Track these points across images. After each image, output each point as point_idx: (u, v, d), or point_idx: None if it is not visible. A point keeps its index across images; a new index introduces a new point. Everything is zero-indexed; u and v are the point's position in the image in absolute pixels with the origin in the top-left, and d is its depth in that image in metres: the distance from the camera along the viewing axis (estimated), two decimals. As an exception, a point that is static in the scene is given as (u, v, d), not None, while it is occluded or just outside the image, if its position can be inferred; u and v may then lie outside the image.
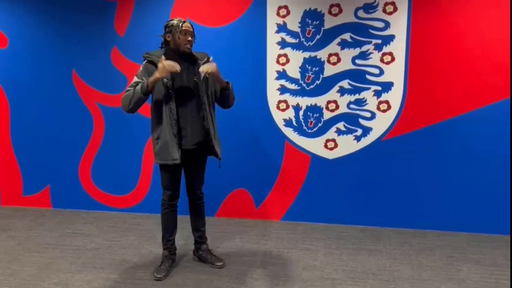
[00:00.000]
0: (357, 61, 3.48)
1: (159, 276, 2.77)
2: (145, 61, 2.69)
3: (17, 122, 4.09)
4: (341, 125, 3.59)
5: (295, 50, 3.55)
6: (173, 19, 2.67)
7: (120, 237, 3.48)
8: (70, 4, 3.81)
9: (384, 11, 3.38)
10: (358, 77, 3.49)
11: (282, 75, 3.61)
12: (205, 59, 2.74)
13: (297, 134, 3.68)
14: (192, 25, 2.70)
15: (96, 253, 3.17)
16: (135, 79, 2.67)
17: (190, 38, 2.66)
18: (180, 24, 2.63)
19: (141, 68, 2.69)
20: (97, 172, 4.05)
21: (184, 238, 3.38)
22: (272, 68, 3.61)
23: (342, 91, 3.54)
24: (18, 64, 3.98)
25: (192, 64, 2.72)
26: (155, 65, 2.61)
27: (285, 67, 3.59)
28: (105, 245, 3.31)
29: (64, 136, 4.03)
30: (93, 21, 3.80)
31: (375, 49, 3.44)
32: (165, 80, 2.59)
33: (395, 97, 3.47)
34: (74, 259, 3.07)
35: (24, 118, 4.07)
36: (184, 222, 3.25)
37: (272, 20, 3.55)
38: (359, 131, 3.57)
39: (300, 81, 3.59)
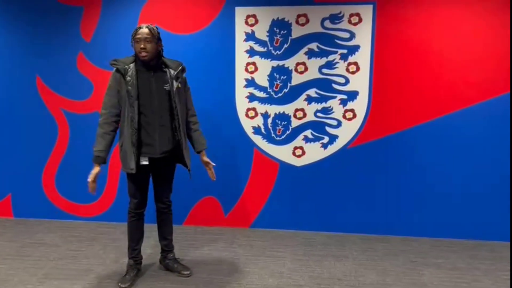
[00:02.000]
0: (324, 70, 3.55)
1: (123, 286, 2.71)
2: (114, 69, 2.64)
3: (-24, 128, 3.95)
4: (308, 133, 3.65)
5: (263, 58, 3.59)
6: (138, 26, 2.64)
7: (85, 246, 3.40)
8: (34, 8, 3.72)
9: (350, 21, 3.48)
10: (324, 86, 3.56)
11: (250, 83, 3.64)
12: (179, 68, 2.73)
13: (266, 141, 3.71)
14: (150, 31, 2.58)
15: (59, 264, 3.08)
16: (108, 92, 2.62)
17: (142, 46, 2.56)
18: (134, 32, 2.60)
19: (111, 78, 2.63)
20: (61, 180, 3.95)
21: (151, 247, 3.33)
22: (240, 76, 3.64)
23: (310, 100, 3.60)
24: (-22, 68, 3.86)
25: (163, 72, 2.68)
26: (121, 74, 2.58)
27: (253, 75, 3.63)
28: (69, 255, 3.23)
29: (27, 143, 3.92)
30: (58, 26, 3.72)
31: (341, 58, 3.52)
32: (129, 87, 2.56)
33: (360, 105, 3.56)
34: (36, 270, 2.98)
35: (-16, 124, 3.93)
36: (151, 231, 3.22)
37: (240, 29, 3.58)
38: (326, 139, 3.64)
39: (269, 89, 3.63)
